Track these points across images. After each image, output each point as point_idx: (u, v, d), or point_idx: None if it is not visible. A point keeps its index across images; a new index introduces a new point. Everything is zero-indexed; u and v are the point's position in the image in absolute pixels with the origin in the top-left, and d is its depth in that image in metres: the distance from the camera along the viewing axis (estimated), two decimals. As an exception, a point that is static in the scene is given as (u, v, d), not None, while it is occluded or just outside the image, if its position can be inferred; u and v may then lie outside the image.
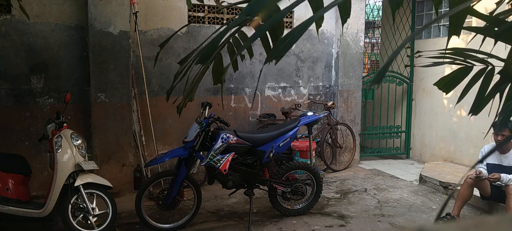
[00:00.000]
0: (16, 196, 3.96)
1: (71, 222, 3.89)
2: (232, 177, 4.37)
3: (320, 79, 6.85)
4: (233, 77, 6.16)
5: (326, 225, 4.52)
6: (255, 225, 4.47)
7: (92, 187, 4.00)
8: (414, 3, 7.39)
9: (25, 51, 5.03)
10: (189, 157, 4.25)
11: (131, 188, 5.50)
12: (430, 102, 7.27)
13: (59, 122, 4.04)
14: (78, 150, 4.00)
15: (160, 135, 5.79)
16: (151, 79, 5.67)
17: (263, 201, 5.14)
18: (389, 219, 4.71)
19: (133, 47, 5.47)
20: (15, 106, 5.05)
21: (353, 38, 6.81)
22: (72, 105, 5.15)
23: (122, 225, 4.44)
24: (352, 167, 6.93)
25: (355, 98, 6.98)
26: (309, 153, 5.25)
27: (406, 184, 6.05)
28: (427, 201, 5.31)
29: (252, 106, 6.37)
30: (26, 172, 4.14)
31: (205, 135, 4.30)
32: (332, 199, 5.38)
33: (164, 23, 5.68)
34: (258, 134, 4.56)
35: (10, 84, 5.00)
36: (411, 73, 7.52)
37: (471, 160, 6.40)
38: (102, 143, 5.28)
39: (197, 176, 5.68)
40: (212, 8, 5.93)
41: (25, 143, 5.12)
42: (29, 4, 4.83)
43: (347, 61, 6.80)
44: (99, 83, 5.20)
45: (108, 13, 5.14)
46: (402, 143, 7.78)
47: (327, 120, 6.56)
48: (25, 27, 4.97)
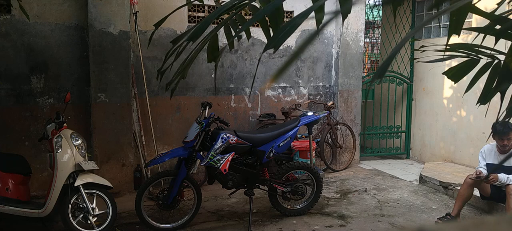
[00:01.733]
0: (16, 196, 3.97)
1: (71, 222, 3.89)
2: (232, 177, 4.37)
3: (320, 79, 6.85)
4: (233, 77, 6.16)
5: (326, 225, 4.52)
6: (255, 225, 4.47)
7: (92, 187, 4.00)
8: (414, 3, 7.39)
9: (25, 51, 5.03)
10: (189, 157, 4.25)
11: (131, 188, 5.50)
12: (430, 102, 7.26)
13: (59, 122, 4.04)
14: (78, 150, 4.00)
15: (160, 135, 5.79)
16: (151, 79, 5.67)
17: (263, 201, 5.14)
18: (389, 219, 4.71)
19: (133, 47, 5.47)
20: (15, 106, 5.05)
21: (353, 38, 6.81)
22: (72, 105, 5.15)
23: (122, 225, 4.44)
24: (352, 167, 6.93)
25: (355, 98, 6.98)
26: (309, 153, 5.25)
27: (406, 184, 6.05)
28: (427, 201, 5.31)
29: (254, 106, 6.37)
30: (26, 172, 4.14)
31: (205, 135, 4.30)
32: (332, 199, 5.38)
33: (164, 23, 5.63)
34: (258, 134, 4.56)
35: (10, 84, 5.00)
36: (411, 73, 7.52)
37: (471, 160, 6.40)
38: (102, 143, 5.28)
39: (197, 176, 5.68)
40: (212, 8, 5.93)
41: (25, 143, 5.12)
42: (29, 4, 4.83)
43: (347, 61, 6.80)
44: (99, 83, 5.20)
45: (108, 13, 5.14)
46: (402, 143, 7.78)
47: (327, 119, 6.56)
48: (25, 27, 4.97)
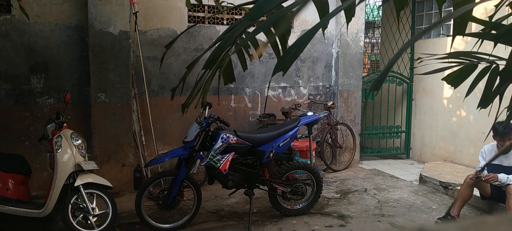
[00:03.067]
0: (16, 196, 3.97)
1: (71, 222, 3.89)
2: (232, 177, 4.37)
3: (320, 79, 6.85)
4: (233, 77, 6.15)
5: (326, 225, 4.52)
6: (255, 225, 4.47)
7: (92, 187, 4.00)
8: (414, 3, 7.39)
9: (25, 51, 5.03)
10: (189, 157, 4.25)
11: (131, 188, 5.50)
12: (430, 102, 7.26)
13: (59, 122, 4.04)
14: (78, 150, 4.00)
15: (160, 135, 5.79)
16: (151, 79, 5.67)
17: (263, 201, 5.14)
18: (389, 219, 4.71)
19: (133, 47, 5.47)
20: (15, 106, 5.05)
21: (353, 38, 6.81)
22: (72, 105, 5.15)
23: (122, 225, 4.44)
24: (352, 167, 6.93)
25: (355, 98, 6.98)
26: (309, 153, 5.25)
27: (406, 184, 6.05)
28: (427, 201, 5.31)
29: (254, 106, 6.37)
30: (26, 172, 4.14)
31: (205, 135, 4.30)
32: (332, 199, 5.38)
33: (164, 23, 5.68)
34: (258, 134, 4.56)
35: (10, 84, 5.00)
36: (411, 73, 7.52)
37: (471, 160, 6.40)
38: (102, 143, 5.28)
39: (197, 176, 5.68)
40: (212, 8, 5.93)
41: (25, 143, 5.12)
42: (29, 4, 4.83)
43: (347, 61, 6.80)
44: (99, 83, 5.20)
45: (108, 13, 5.14)
46: (402, 143, 7.78)
47: (327, 119, 6.56)
48: (25, 27, 4.97)
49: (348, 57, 6.80)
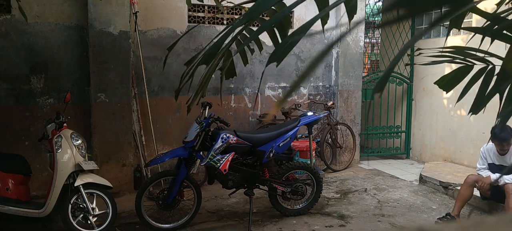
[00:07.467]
0: (16, 196, 3.97)
1: (71, 222, 3.89)
2: (232, 177, 4.37)
3: (320, 79, 6.85)
4: (233, 77, 6.14)
5: (326, 225, 4.52)
6: (255, 225, 4.47)
7: (92, 187, 4.00)
8: (414, 3, 7.38)
9: (25, 51, 5.03)
10: (189, 157, 4.25)
11: (131, 188, 5.50)
12: (430, 102, 7.26)
13: (59, 121, 4.04)
14: (78, 150, 4.00)
15: (160, 135, 5.79)
16: (151, 79, 5.67)
17: (263, 201, 5.14)
18: (389, 219, 4.71)
19: (133, 47, 5.47)
20: (15, 106, 5.05)
21: (353, 38, 6.81)
22: (72, 105, 5.15)
23: (122, 225, 4.44)
24: (352, 167, 6.93)
25: (355, 98, 6.98)
26: (309, 153, 5.25)
27: (406, 184, 6.05)
28: (427, 201, 5.31)
29: (254, 106, 6.37)
30: (26, 172, 4.14)
31: (205, 135, 4.30)
32: (332, 199, 5.38)
33: (164, 23, 5.68)
34: (258, 134, 4.56)
35: (10, 84, 5.00)
36: (411, 73, 7.52)
37: (471, 160, 6.40)
38: (102, 143, 5.28)
39: (197, 176, 5.68)
40: (212, 8, 5.93)
41: (25, 143, 5.12)
42: (29, 4, 4.83)
43: (347, 61, 6.80)
44: (99, 83, 5.20)
45: (108, 13, 5.14)
46: (402, 143, 7.78)
47: (327, 119, 6.56)
48: (25, 27, 4.97)
49: (348, 57, 6.80)
